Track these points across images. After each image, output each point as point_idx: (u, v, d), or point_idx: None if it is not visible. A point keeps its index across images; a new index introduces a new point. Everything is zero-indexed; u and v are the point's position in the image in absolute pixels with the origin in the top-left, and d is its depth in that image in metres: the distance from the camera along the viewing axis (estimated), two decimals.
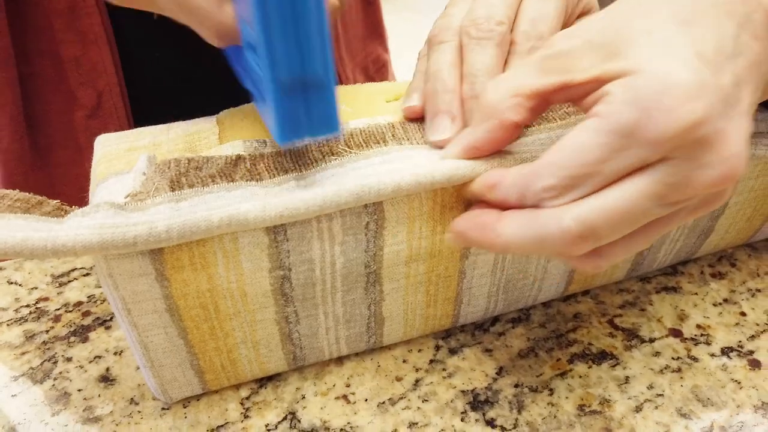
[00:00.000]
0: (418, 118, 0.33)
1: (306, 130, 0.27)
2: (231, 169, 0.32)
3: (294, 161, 0.32)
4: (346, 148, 0.33)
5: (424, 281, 0.35)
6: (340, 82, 0.59)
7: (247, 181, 0.31)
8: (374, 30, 0.65)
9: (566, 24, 0.34)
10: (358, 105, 0.37)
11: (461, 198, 0.32)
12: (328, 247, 0.32)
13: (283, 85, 0.26)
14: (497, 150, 0.30)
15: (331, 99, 0.27)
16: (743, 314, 0.39)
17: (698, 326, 0.39)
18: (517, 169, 0.27)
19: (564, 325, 0.39)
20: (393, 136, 0.33)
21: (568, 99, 0.27)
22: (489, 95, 0.27)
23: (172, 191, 0.31)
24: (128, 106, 0.50)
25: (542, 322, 0.39)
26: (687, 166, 0.24)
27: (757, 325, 0.39)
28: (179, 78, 0.50)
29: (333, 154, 0.32)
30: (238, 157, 0.33)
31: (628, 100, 0.23)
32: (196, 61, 0.49)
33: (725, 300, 0.40)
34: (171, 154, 0.34)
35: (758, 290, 0.41)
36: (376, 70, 0.66)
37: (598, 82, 0.25)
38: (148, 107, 0.39)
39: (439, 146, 0.31)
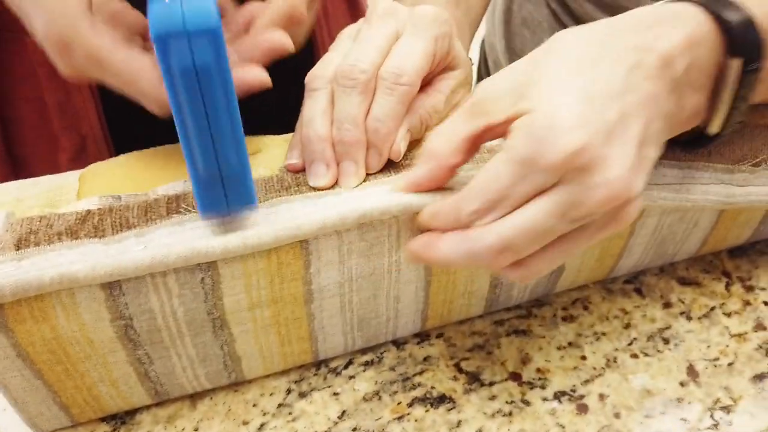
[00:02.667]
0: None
1: (224, 207, 0.31)
2: (78, 226, 0.34)
3: (139, 217, 0.34)
4: (189, 208, 0.35)
5: (273, 323, 0.37)
6: None
7: (90, 237, 0.33)
8: None
9: (432, 71, 0.37)
10: None
11: (296, 257, 0.34)
12: (166, 299, 0.34)
13: (201, 177, 0.30)
14: (438, 187, 0.34)
15: (245, 181, 0.31)
16: (584, 358, 0.42)
17: (538, 370, 0.41)
18: (451, 197, 0.32)
19: (413, 367, 0.41)
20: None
21: (495, 137, 0.32)
22: (431, 143, 0.33)
23: (17, 250, 0.33)
24: (112, 149, 0.51)
25: (393, 365, 0.41)
26: (577, 188, 0.29)
27: (594, 369, 0.41)
28: (163, 120, 0.51)
29: (176, 213, 0.35)
30: (88, 213, 0.35)
31: (525, 134, 0.29)
32: None
33: (570, 343, 0.43)
34: (31, 210, 0.36)
35: (603, 334, 0.43)
36: None
37: (511, 121, 0.30)
38: (133, 147, 0.40)
39: (319, 190, 0.35)
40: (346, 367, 0.41)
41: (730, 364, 0.41)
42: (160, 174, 0.37)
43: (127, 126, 0.48)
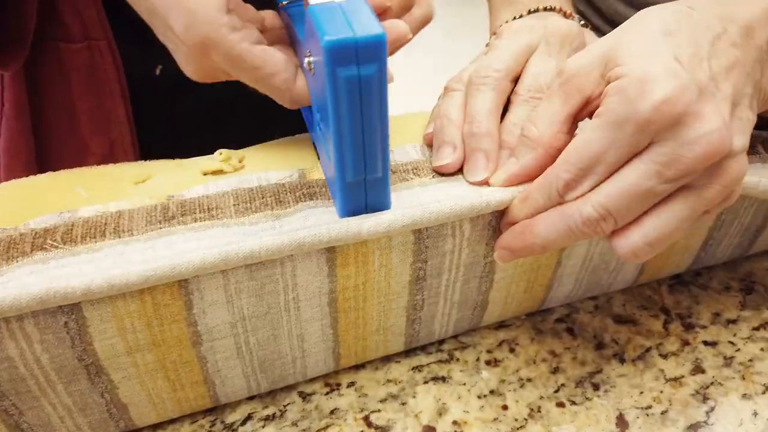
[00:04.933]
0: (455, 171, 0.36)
1: (363, 209, 0.32)
2: None
3: (2, 254, 0.31)
4: (55, 244, 0.31)
5: (159, 368, 0.34)
6: None
7: None
8: None
9: None
10: (101, 188, 0.35)
11: (174, 297, 0.31)
12: (26, 345, 0.30)
13: (348, 183, 0.31)
14: (539, 175, 0.33)
15: (385, 187, 0.32)
16: (505, 407, 0.38)
17: (454, 422, 0.37)
18: (540, 176, 0.32)
19: (318, 422, 0.37)
20: (115, 229, 0.32)
21: (592, 111, 0.32)
22: (532, 131, 0.33)
23: None
24: (138, 154, 0.51)
25: (296, 419, 0.38)
26: (672, 144, 0.28)
27: (516, 420, 0.37)
28: (191, 126, 0.51)
29: (41, 249, 0.31)
30: None
31: (618, 95, 0.29)
32: (207, 111, 0.51)
33: (492, 391, 0.39)
34: None
35: (529, 380, 0.40)
36: None
37: (604, 91, 0.30)
38: (159, 153, 0.39)
39: (442, 172, 0.35)
40: (244, 423, 0.38)
41: (663, 413, 0.38)
42: (37, 205, 0.34)
43: (155, 132, 0.49)
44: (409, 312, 0.38)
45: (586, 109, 0.32)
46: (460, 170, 0.36)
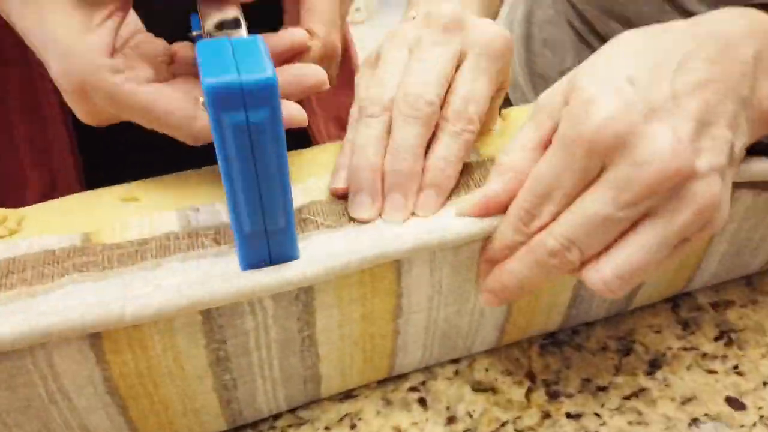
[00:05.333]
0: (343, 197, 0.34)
1: (267, 261, 0.30)
2: None
3: None
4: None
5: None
6: (312, 136, 0.56)
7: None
8: (347, 81, 0.62)
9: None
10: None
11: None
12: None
13: (246, 234, 0.28)
14: (509, 201, 0.32)
15: (290, 238, 0.29)
16: None
17: None
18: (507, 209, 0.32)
19: None
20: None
21: None
22: (505, 158, 0.32)
23: None
24: (84, 186, 0.47)
25: None
26: (623, 167, 0.28)
27: None
28: (140, 155, 0.46)
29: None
30: None
31: (565, 120, 0.29)
32: (159, 139, 0.47)
33: None
34: None
35: None
36: None
37: None
38: (105, 183, 0.36)
39: (361, 222, 0.33)
40: None
41: None
42: None
43: (100, 161, 0.45)
44: (220, 393, 0.34)
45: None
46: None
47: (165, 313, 0.28)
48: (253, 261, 0.30)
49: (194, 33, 0.34)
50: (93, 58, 0.29)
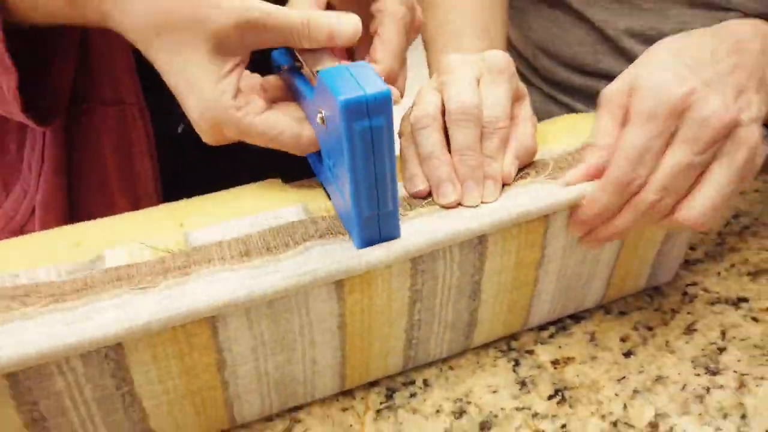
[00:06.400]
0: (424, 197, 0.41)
1: (377, 239, 0.37)
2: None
3: None
4: None
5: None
6: None
7: None
8: None
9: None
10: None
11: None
12: (72, 378, 0.33)
13: (363, 218, 0.36)
14: (602, 173, 0.41)
15: (395, 219, 0.37)
16: None
17: None
18: (600, 180, 0.41)
19: None
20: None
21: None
22: (593, 140, 0.42)
23: None
24: None
25: None
26: (692, 124, 0.38)
27: None
28: (213, 177, 0.51)
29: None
30: None
31: (641, 98, 0.40)
32: (225, 162, 0.53)
33: None
34: None
35: None
36: None
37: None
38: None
39: (448, 208, 0.40)
40: None
41: None
42: None
43: (179, 186, 0.50)
44: (408, 333, 0.41)
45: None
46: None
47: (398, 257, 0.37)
48: (367, 239, 0.37)
49: (285, 66, 0.42)
50: (224, 101, 0.36)
